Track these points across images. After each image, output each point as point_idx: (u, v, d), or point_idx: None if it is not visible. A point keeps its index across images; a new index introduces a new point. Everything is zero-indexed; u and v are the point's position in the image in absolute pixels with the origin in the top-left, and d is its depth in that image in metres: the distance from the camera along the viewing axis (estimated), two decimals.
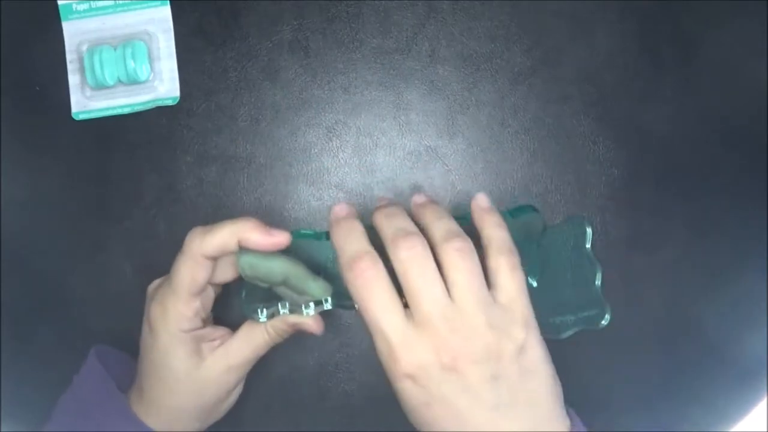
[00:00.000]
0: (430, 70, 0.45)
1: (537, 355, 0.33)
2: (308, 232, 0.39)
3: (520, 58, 0.44)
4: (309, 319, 0.39)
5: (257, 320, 0.39)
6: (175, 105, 0.45)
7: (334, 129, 0.45)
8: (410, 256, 0.33)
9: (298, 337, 0.45)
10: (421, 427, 0.34)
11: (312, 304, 0.38)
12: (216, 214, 0.45)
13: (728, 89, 0.44)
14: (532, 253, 0.38)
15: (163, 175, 0.46)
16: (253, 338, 0.40)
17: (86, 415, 0.39)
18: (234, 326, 0.40)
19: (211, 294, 0.40)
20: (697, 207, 0.45)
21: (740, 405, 0.46)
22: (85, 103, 0.45)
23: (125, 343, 0.44)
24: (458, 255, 0.33)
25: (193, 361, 0.38)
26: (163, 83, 0.45)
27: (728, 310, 0.45)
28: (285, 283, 0.37)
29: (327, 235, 0.38)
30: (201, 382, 0.39)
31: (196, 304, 0.38)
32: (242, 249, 0.37)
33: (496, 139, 0.45)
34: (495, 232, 0.35)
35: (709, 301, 0.45)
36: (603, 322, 0.38)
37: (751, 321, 0.45)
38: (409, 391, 0.33)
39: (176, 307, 0.37)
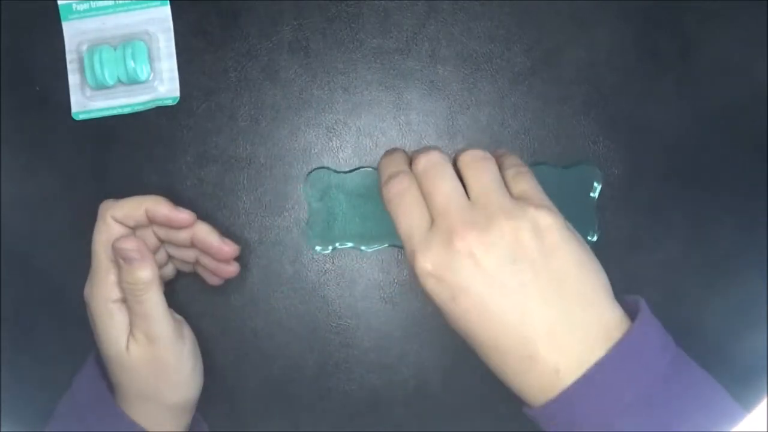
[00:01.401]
0: (430, 70, 0.45)
1: (559, 235, 0.33)
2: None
3: (520, 58, 0.44)
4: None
5: (316, 251, 0.44)
6: (175, 105, 0.45)
7: (334, 129, 0.45)
8: (428, 165, 0.35)
9: (298, 337, 0.46)
10: (457, 326, 0.34)
11: (376, 245, 0.44)
12: (216, 214, 0.45)
13: (728, 89, 0.44)
14: (588, 209, 0.42)
15: (163, 175, 0.46)
16: (149, 299, 0.39)
17: (81, 419, 0.39)
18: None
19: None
20: (697, 207, 0.45)
21: (740, 405, 0.46)
22: (85, 103, 0.45)
23: None
24: (473, 161, 0.35)
25: (127, 338, 0.39)
26: (163, 83, 0.45)
27: (728, 309, 0.45)
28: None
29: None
30: (144, 360, 0.39)
31: (114, 269, 0.39)
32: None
33: (496, 139, 0.45)
34: (505, 157, 0.37)
35: (709, 301, 0.45)
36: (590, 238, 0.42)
37: (751, 321, 0.45)
38: (433, 290, 0.33)
39: (99, 276, 0.39)
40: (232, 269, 0.42)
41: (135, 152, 0.46)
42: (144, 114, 0.45)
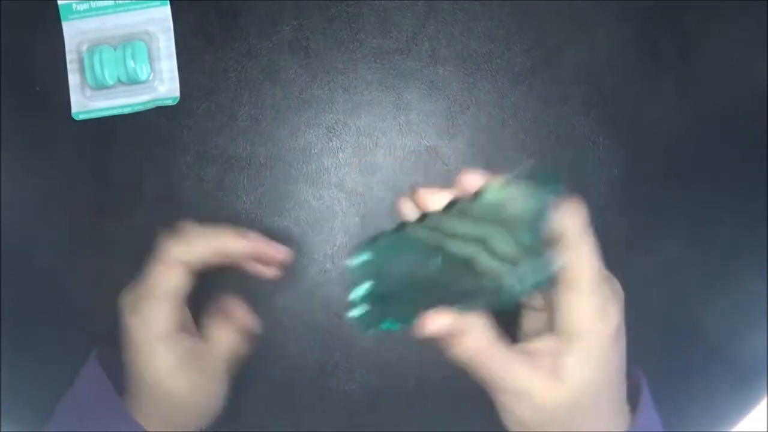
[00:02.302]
0: (430, 70, 0.45)
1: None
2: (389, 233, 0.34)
3: (520, 58, 0.44)
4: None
5: (387, 332, 0.35)
6: (175, 105, 0.45)
7: (334, 129, 0.45)
8: None
9: (298, 337, 0.46)
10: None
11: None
12: (216, 214, 0.45)
13: (728, 89, 0.44)
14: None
15: (163, 175, 0.46)
16: (218, 338, 0.39)
17: (83, 418, 0.39)
18: None
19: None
20: (697, 207, 0.45)
21: (740, 405, 0.46)
22: (85, 103, 0.45)
23: (124, 342, 0.43)
24: None
25: (174, 367, 0.38)
26: (163, 83, 0.45)
27: (728, 310, 0.45)
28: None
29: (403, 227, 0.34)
30: (184, 387, 0.38)
31: (172, 309, 0.38)
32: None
33: (496, 139, 0.45)
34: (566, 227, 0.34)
35: (709, 301, 0.45)
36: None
37: (751, 321, 0.45)
38: (618, 348, 0.33)
39: (151, 312, 0.37)
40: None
41: (135, 152, 0.46)
42: (144, 114, 0.45)
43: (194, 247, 0.38)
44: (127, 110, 0.45)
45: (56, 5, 0.45)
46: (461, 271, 0.31)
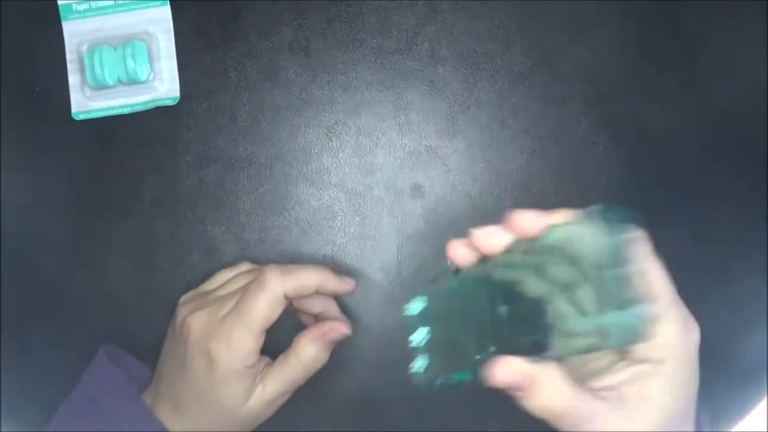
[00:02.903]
0: (430, 70, 0.45)
1: None
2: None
3: (520, 58, 0.44)
4: (334, 324, 0.40)
5: (457, 385, 0.31)
6: (175, 105, 0.45)
7: (334, 129, 0.45)
8: None
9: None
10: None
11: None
12: (216, 214, 0.45)
13: (729, 89, 0.44)
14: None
15: (163, 175, 0.46)
16: (287, 371, 0.40)
17: (100, 413, 0.39)
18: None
19: None
20: (697, 207, 0.45)
21: (740, 405, 0.46)
22: (85, 103, 0.45)
23: (125, 342, 0.44)
24: None
25: (245, 397, 0.38)
26: (163, 83, 0.45)
27: (728, 310, 0.45)
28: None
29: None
30: (246, 414, 0.39)
31: (262, 339, 0.38)
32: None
33: (496, 139, 0.45)
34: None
35: (709, 302, 0.45)
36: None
37: (751, 321, 0.45)
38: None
39: (246, 343, 0.37)
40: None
41: (135, 152, 0.46)
42: (144, 114, 0.45)
43: (298, 281, 0.38)
44: (127, 110, 0.45)
45: (56, 5, 0.45)
46: (533, 316, 0.29)
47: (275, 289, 0.37)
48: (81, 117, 0.45)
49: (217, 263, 0.45)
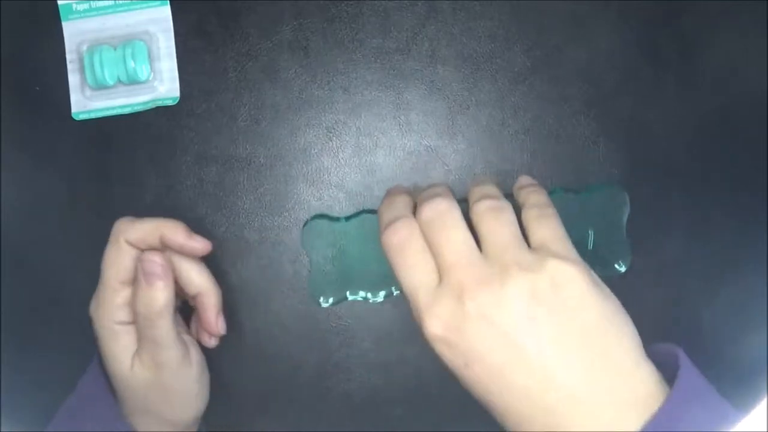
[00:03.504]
0: (430, 70, 0.45)
1: (581, 289, 0.29)
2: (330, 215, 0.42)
3: (520, 58, 0.44)
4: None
5: (320, 305, 0.42)
6: (175, 105, 0.45)
7: (334, 129, 0.45)
8: (434, 214, 0.32)
9: (298, 337, 0.46)
10: (474, 393, 0.31)
11: (382, 293, 0.41)
12: (216, 214, 0.45)
13: (728, 89, 0.44)
14: (618, 235, 0.40)
15: (163, 175, 0.46)
16: (161, 326, 0.38)
17: (80, 422, 0.39)
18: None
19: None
20: (697, 207, 0.44)
21: (740, 405, 0.46)
22: (85, 103, 0.45)
23: None
24: (488, 211, 0.32)
25: (127, 358, 0.38)
26: (163, 83, 0.45)
27: (728, 310, 0.45)
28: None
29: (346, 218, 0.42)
30: (136, 382, 0.38)
31: (126, 292, 0.38)
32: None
33: (496, 139, 0.45)
34: (530, 194, 0.35)
35: (708, 301, 0.45)
36: (621, 269, 0.41)
37: (751, 321, 0.45)
38: (445, 355, 0.31)
39: (106, 297, 0.38)
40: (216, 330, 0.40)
41: (135, 152, 0.46)
42: (144, 114, 0.45)
43: (141, 230, 0.38)
44: (127, 110, 0.45)
45: (56, 5, 0.45)
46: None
47: (117, 238, 0.38)
48: (81, 117, 0.45)
49: (217, 263, 0.45)
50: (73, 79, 0.45)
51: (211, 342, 0.41)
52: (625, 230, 0.41)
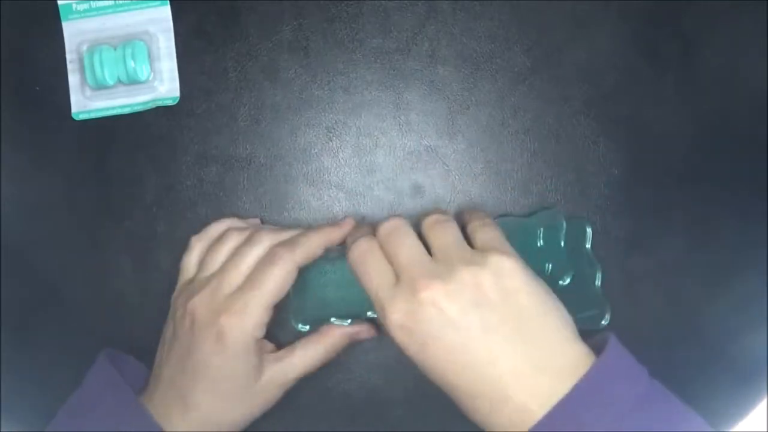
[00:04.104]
0: (430, 70, 0.45)
1: (519, 278, 0.34)
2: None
3: (520, 58, 0.44)
4: (361, 326, 0.42)
5: (297, 331, 0.42)
6: (175, 105, 0.45)
7: (334, 129, 0.45)
8: (391, 229, 0.37)
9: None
10: (431, 375, 0.35)
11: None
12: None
13: (728, 89, 0.44)
14: (558, 252, 0.41)
15: (163, 175, 0.46)
16: (310, 355, 0.41)
17: (96, 417, 0.38)
18: None
19: None
20: (697, 207, 0.44)
21: (740, 405, 0.46)
22: (85, 103, 0.45)
23: (125, 342, 0.44)
24: (435, 223, 0.37)
25: (255, 374, 0.39)
26: (163, 83, 0.45)
27: (728, 310, 0.45)
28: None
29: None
30: (257, 395, 0.39)
31: (272, 314, 0.39)
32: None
33: (496, 139, 0.45)
34: (472, 215, 0.39)
35: (709, 301, 0.45)
36: (603, 321, 0.39)
37: (751, 321, 0.45)
38: (404, 342, 0.34)
39: (259, 316, 0.38)
40: None
41: (135, 152, 0.46)
42: (144, 114, 0.45)
43: (308, 250, 0.39)
44: (127, 110, 0.45)
45: (56, 5, 0.45)
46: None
47: (287, 261, 0.38)
48: (81, 117, 0.45)
49: None
50: (73, 79, 0.45)
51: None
52: (591, 257, 0.41)
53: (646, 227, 0.45)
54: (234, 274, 0.39)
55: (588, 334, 0.35)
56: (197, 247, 0.42)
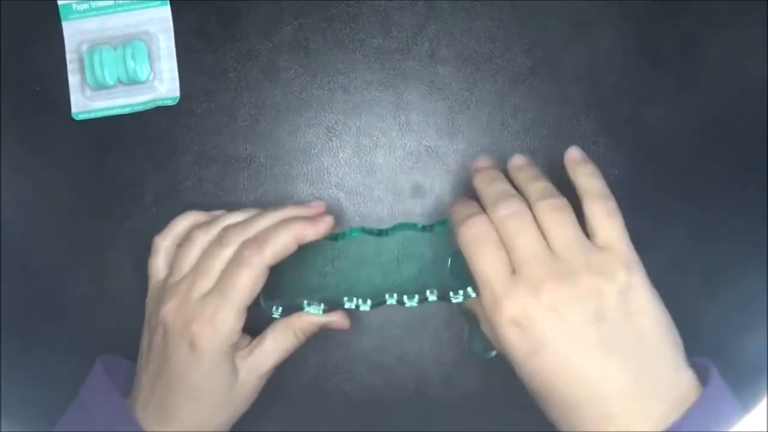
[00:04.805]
0: (430, 70, 0.45)
1: (643, 295, 0.33)
2: (358, 229, 0.40)
3: (520, 58, 0.44)
4: (334, 315, 0.40)
5: (272, 315, 0.40)
6: (175, 105, 0.45)
7: (334, 129, 0.45)
8: (509, 213, 0.34)
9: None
10: (532, 380, 0.33)
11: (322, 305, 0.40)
12: None
13: (728, 89, 0.44)
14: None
15: (163, 175, 0.46)
16: (281, 343, 0.39)
17: (90, 425, 0.38)
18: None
19: None
20: (697, 207, 0.44)
21: (740, 405, 0.46)
22: (85, 103, 0.45)
23: (124, 342, 0.43)
24: (553, 210, 0.35)
25: (232, 376, 0.37)
26: (163, 83, 0.45)
27: (728, 310, 0.45)
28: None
29: (380, 232, 0.40)
30: (235, 396, 0.38)
31: (245, 317, 0.37)
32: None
33: (496, 139, 0.45)
34: (588, 181, 0.37)
35: (709, 301, 0.45)
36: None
37: (751, 321, 0.45)
38: (514, 340, 0.33)
39: (231, 323, 0.36)
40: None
41: (135, 152, 0.46)
42: (144, 114, 0.45)
43: (276, 248, 0.37)
44: (127, 110, 0.45)
45: (56, 5, 0.45)
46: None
47: (256, 264, 0.36)
48: (81, 117, 0.45)
49: None
50: (73, 79, 0.45)
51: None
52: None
53: (646, 227, 0.45)
54: (204, 280, 0.37)
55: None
56: (162, 247, 0.41)
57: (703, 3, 0.44)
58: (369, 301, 0.39)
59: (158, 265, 0.41)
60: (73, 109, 0.45)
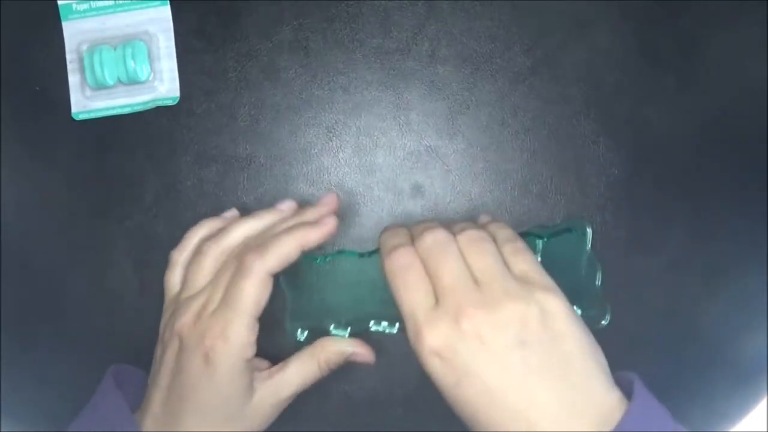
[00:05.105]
0: (430, 70, 0.45)
1: (564, 318, 0.33)
2: (353, 251, 0.40)
3: (520, 58, 0.44)
4: (361, 347, 0.40)
5: (295, 339, 0.40)
6: (175, 105, 0.45)
7: (334, 129, 0.45)
8: (433, 243, 0.35)
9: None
10: (460, 410, 0.33)
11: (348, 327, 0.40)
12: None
13: (728, 89, 0.44)
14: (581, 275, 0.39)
15: (163, 175, 0.46)
16: (304, 371, 0.39)
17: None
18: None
19: None
20: (697, 207, 0.45)
21: (740, 405, 0.46)
22: (85, 103, 0.45)
23: (124, 342, 0.44)
24: (475, 240, 0.35)
25: (248, 394, 0.37)
26: (163, 83, 0.45)
27: (728, 310, 0.45)
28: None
29: (370, 254, 0.40)
30: (249, 416, 0.37)
31: (257, 328, 0.37)
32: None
33: (496, 139, 0.45)
34: (498, 231, 0.37)
35: (709, 301, 0.45)
36: (603, 322, 0.39)
37: (751, 321, 0.45)
38: (438, 370, 0.33)
39: (241, 334, 0.36)
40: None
41: (135, 152, 0.46)
42: (144, 114, 0.45)
43: (279, 255, 0.37)
44: (127, 110, 0.45)
45: (56, 5, 0.45)
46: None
47: (258, 272, 0.36)
48: (81, 117, 0.45)
49: None
50: (73, 79, 0.45)
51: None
52: (597, 287, 0.40)
53: (646, 227, 0.45)
54: (216, 294, 0.37)
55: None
56: (179, 261, 0.41)
57: (703, 3, 0.44)
58: (397, 324, 0.39)
59: (174, 279, 0.41)
60: (73, 109, 0.45)
